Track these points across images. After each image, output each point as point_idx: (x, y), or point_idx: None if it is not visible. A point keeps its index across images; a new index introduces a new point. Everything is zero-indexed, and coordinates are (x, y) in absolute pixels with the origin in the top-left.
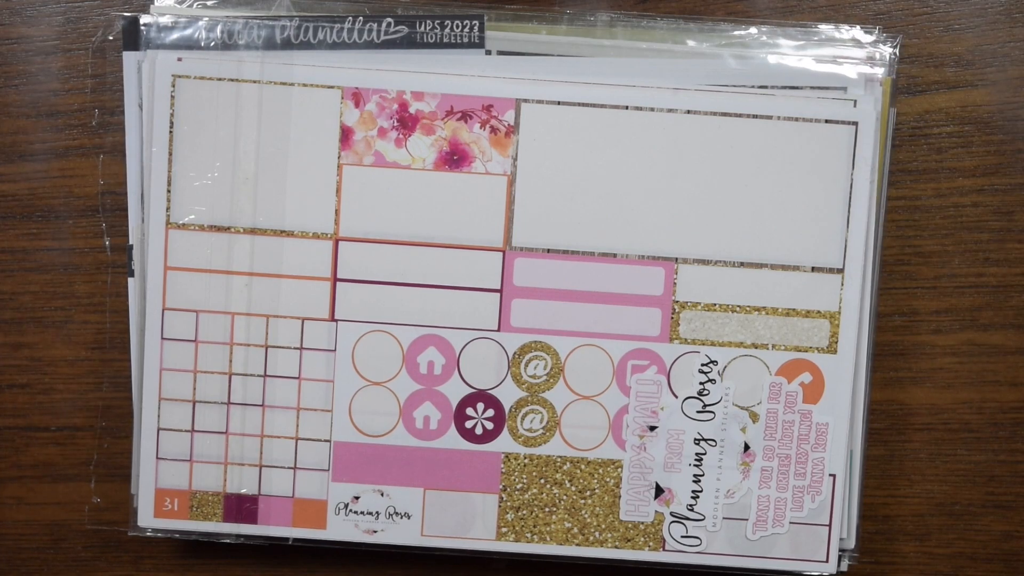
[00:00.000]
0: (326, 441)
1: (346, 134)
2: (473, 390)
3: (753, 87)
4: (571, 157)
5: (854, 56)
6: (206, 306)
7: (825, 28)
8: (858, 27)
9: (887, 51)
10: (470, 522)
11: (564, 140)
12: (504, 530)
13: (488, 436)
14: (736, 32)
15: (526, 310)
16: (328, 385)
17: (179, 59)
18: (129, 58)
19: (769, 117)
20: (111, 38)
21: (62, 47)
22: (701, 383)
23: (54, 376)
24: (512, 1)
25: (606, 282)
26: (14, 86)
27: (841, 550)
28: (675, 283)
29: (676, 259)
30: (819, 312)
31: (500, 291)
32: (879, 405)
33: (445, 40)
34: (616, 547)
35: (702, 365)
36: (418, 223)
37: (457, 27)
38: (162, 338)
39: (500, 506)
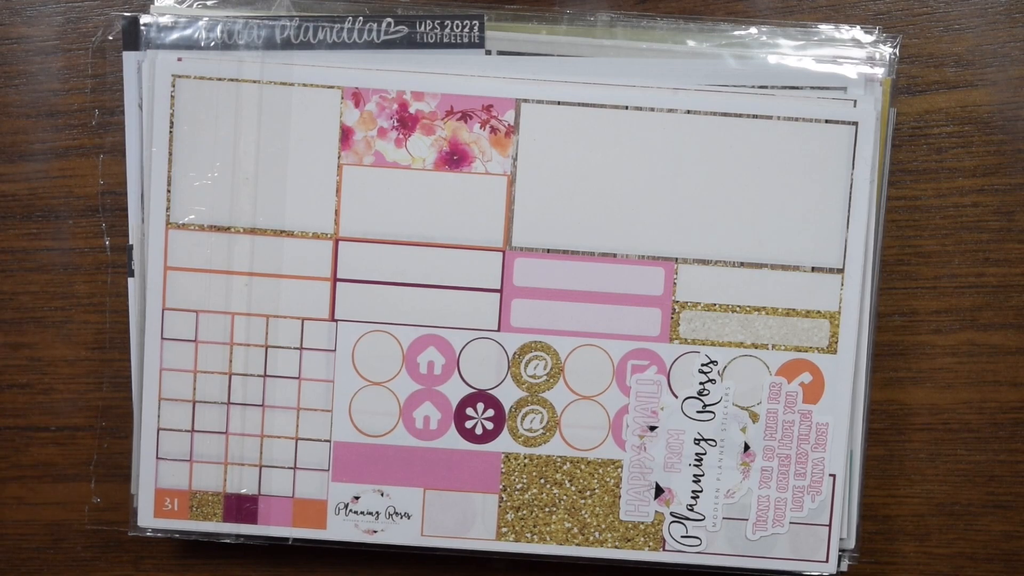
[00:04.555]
0: (326, 441)
1: (346, 134)
2: (473, 390)
3: (753, 87)
4: (571, 157)
5: (854, 56)
6: (206, 306)
7: (825, 28)
8: (858, 27)
9: (887, 51)
10: (470, 522)
11: (564, 140)
12: (504, 530)
13: (488, 436)
14: (736, 32)
15: (526, 310)
16: (328, 385)
17: (179, 59)
18: (129, 58)
19: (769, 117)
20: (111, 38)
21: (62, 47)
22: (701, 383)
23: (54, 376)
24: (512, 1)
25: (606, 282)
26: (14, 86)
27: (841, 550)
28: (675, 283)
29: (676, 259)
30: (819, 312)
31: (500, 291)
32: (879, 405)
33: (445, 40)
34: (616, 547)
35: (702, 365)
36: (418, 223)
37: (457, 27)
38: (162, 338)
39: (500, 506)
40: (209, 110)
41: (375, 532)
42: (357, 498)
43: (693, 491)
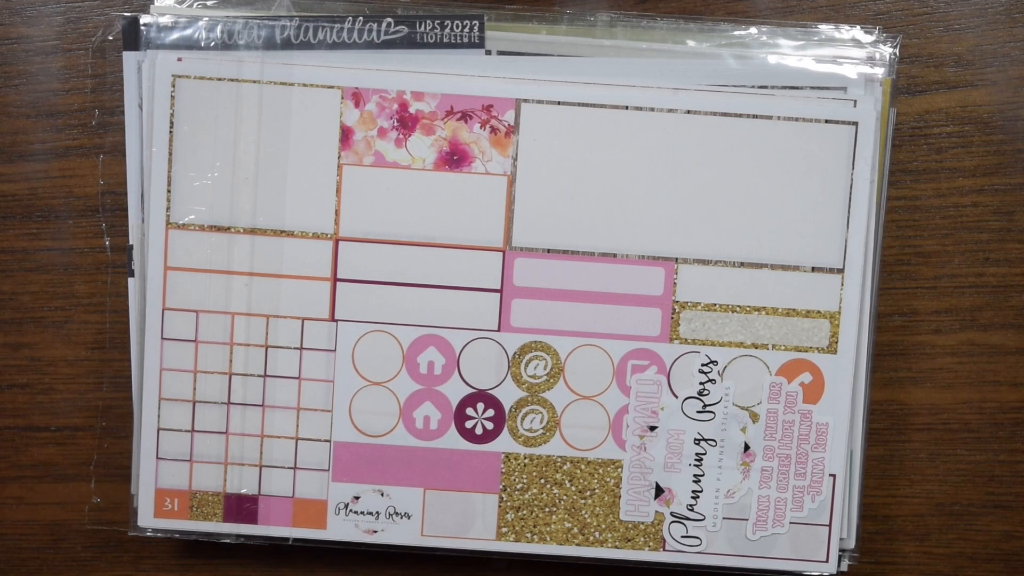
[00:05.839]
0: (326, 441)
1: (346, 134)
2: (473, 390)
3: (753, 87)
4: (571, 157)
5: (854, 56)
6: (206, 306)
7: (825, 28)
8: (858, 27)
9: (887, 51)
10: (470, 522)
11: (564, 140)
12: (504, 530)
13: (488, 436)
14: (736, 32)
15: (526, 310)
16: (328, 385)
17: (179, 59)
18: (129, 58)
19: (769, 117)
20: (111, 38)
21: (62, 47)
22: (701, 383)
23: (54, 376)
24: (512, 1)
25: (606, 282)
26: (14, 86)
27: (841, 550)
28: (675, 283)
29: (676, 259)
30: (819, 312)
31: (500, 291)
32: (879, 405)
33: (445, 40)
34: (616, 547)
35: (702, 365)
36: (418, 223)
37: (457, 27)
38: (162, 338)
39: (500, 506)
40: (209, 110)
41: (375, 532)
42: (357, 498)
43: (693, 491)
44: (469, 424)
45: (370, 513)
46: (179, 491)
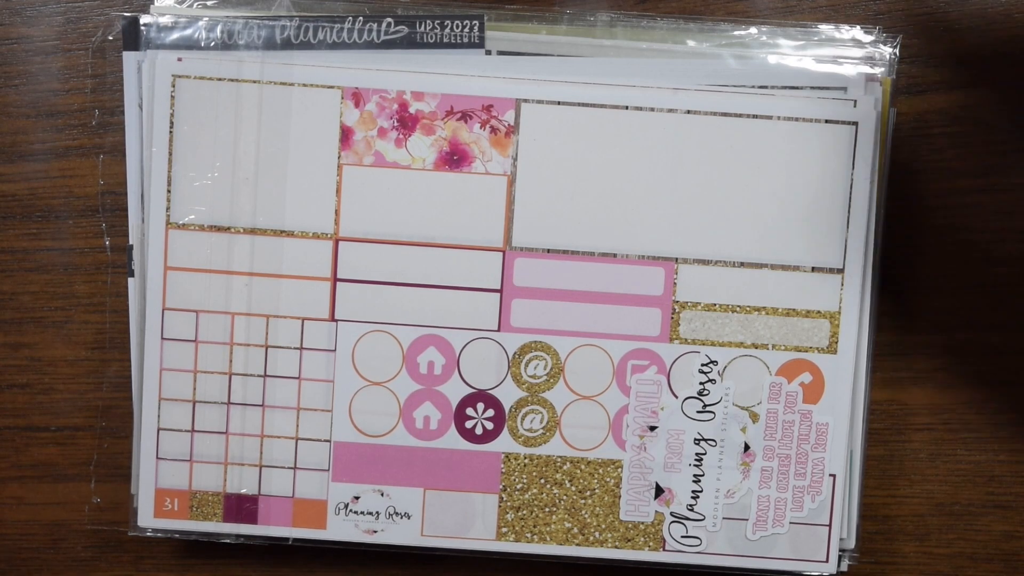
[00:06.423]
0: (326, 441)
1: (346, 134)
2: (473, 390)
3: (753, 87)
4: (571, 157)
5: (854, 56)
6: (206, 306)
7: (825, 28)
8: (858, 27)
9: (887, 51)
10: (470, 522)
11: (564, 140)
12: (504, 530)
13: (488, 436)
14: (736, 32)
15: (526, 310)
16: (328, 385)
17: (179, 59)
18: (129, 58)
19: (769, 117)
20: (111, 38)
21: (62, 47)
22: (701, 383)
23: (54, 376)
24: (512, 1)
25: (606, 282)
26: (14, 86)
27: (841, 550)
28: (675, 283)
29: (676, 259)
30: (819, 312)
31: (500, 291)
32: (879, 405)
33: (445, 40)
34: (616, 547)
35: (702, 365)
36: (418, 223)
37: (457, 27)
38: (162, 338)
39: (500, 506)
40: (209, 110)
41: (375, 532)
42: (357, 498)
43: (693, 491)
44: (469, 424)
45: (370, 513)
46: (179, 491)
